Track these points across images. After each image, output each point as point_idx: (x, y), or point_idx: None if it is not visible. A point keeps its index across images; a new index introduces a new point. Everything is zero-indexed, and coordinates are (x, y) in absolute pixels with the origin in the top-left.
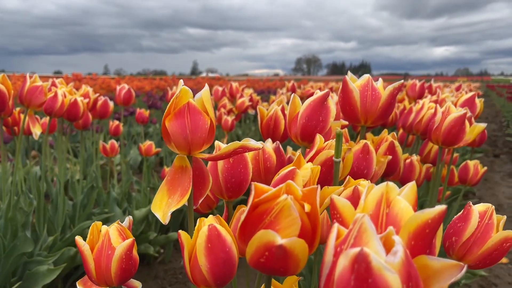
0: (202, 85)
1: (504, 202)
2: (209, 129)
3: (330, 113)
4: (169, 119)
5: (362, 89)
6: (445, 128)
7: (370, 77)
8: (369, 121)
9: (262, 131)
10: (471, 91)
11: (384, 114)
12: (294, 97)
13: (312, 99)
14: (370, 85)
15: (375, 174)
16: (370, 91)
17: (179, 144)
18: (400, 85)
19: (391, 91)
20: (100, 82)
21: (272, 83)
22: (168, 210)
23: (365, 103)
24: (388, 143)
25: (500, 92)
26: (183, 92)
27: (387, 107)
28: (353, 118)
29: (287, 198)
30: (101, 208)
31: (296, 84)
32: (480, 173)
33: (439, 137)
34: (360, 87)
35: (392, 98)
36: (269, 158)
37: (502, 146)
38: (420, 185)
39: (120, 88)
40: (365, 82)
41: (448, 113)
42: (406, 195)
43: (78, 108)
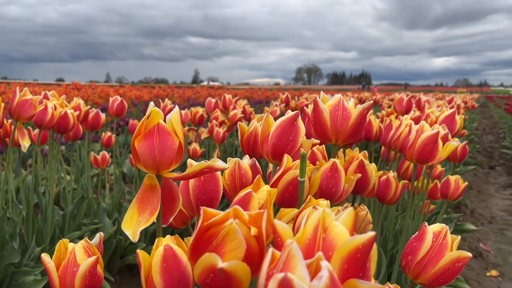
0: (202, 94)
1: (497, 215)
2: (177, 150)
3: (300, 133)
4: (138, 139)
5: (333, 109)
6: (419, 146)
7: (341, 97)
8: (340, 140)
9: (242, 147)
10: (466, 103)
11: (354, 133)
12: (267, 116)
13: (282, 119)
14: (341, 105)
15: (344, 191)
16: (341, 111)
17: (148, 164)
18: (369, 106)
19: (361, 111)
20: (99, 91)
21: (271, 93)
22: (138, 228)
23: (335, 123)
24: (358, 161)
25: (498, 104)
26: (154, 113)
27: (357, 126)
28: (324, 136)
29: (233, 223)
30: (91, 218)
31: (290, 96)
32: (461, 188)
33: (413, 154)
34: (331, 107)
35: (362, 117)
36: (245, 174)
37: (498, 157)
38: (396, 201)
39: (113, 100)
40: (336, 102)
41: (422, 132)
42: (343, 220)
43: (68, 120)
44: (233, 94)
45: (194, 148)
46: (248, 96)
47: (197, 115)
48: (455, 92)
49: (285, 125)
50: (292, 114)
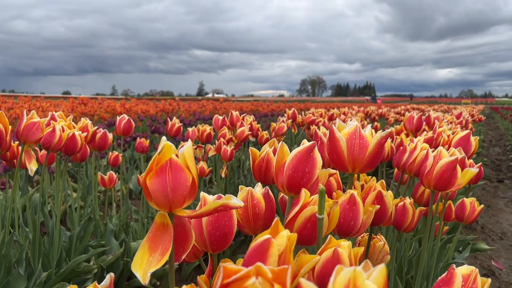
0: (207, 108)
1: (508, 230)
2: (191, 186)
3: (317, 164)
4: (150, 176)
5: (350, 138)
6: (437, 173)
7: (358, 125)
8: (357, 169)
9: (254, 174)
10: (473, 116)
11: (372, 162)
12: (282, 146)
13: (298, 150)
14: (357, 133)
15: (362, 224)
16: (358, 140)
17: (160, 202)
18: (387, 134)
19: (379, 140)
20: (105, 105)
21: (277, 106)
22: (148, 269)
23: (352, 152)
24: (376, 192)
25: (504, 115)
26: (166, 148)
27: (375, 156)
28: (341, 166)
29: (255, 282)
30: (97, 240)
31: (297, 111)
32: (477, 211)
33: (430, 181)
34: (348, 135)
35: (380, 146)
36: (257, 204)
37: (506, 170)
38: (413, 229)
39: (120, 119)
40: (352, 130)
41: (440, 158)
42: (375, 278)
43: (76, 142)
44: (238, 107)
45: (201, 167)
46: (254, 109)
47: (204, 134)
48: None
49: (301, 156)
50: (308, 145)
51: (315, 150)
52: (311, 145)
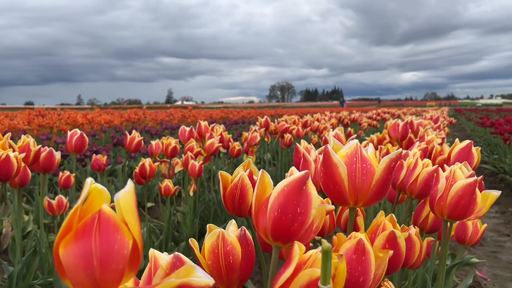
0: (175, 116)
1: (487, 235)
2: (131, 253)
3: (312, 203)
4: (65, 242)
5: (349, 161)
6: (452, 199)
7: (358, 144)
8: (360, 202)
9: (225, 204)
10: (445, 118)
11: (379, 193)
12: (263, 176)
13: (286, 183)
14: (359, 156)
15: (375, 279)
16: (360, 164)
17: (81, 283)
18: (398, 155)
19: (387, 164)
20: (66, 116)
21: (247, 112)
22: None
23: (354, 180)
24: (387, 233)
25: (468, 116)
26: (94, 194)
27: (383, 184)
28: (339, 198)
29: None
30: (44, 277)
31: (269, 120)
32: (480, 232)
33: (444, 209)
34: (346, 158)
35: (389, 172)
36: (231, 251)
37: (477, 173)
38: (420, 265)
39: (71, 134)
40: (352, 152)
41: (454, 180)
42: None
43: (11, 165)
44: (208, 114)
45: (166, 186)
46: (224, 116)
47: (169, 148)
48: (425, 106)
49: (291, 192)
50: (299, 176)
51: (309, 182)
52: (303, 176)
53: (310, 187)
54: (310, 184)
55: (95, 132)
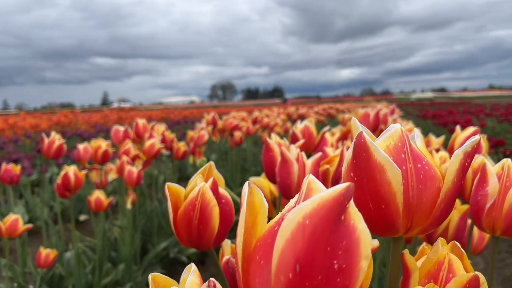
0: (111, 118)
1: None
2: None
3: (360, 247)
4: None
5: (395, 160)
6: (510, 207)
7: (403, 130)
8: (416, 228)
9: (177, 231)
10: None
11: (447, 210)
12: (252, 193)
13: (307, 210)
14: (408, 150)
15: None
16: (412, 164)
17: None
18: (474, 147)
19: (461, 162)
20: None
21: (189, 112)
22: None
23: (407, 193)
24: (468, 278)
25: (406, 110)
26: None
27: (452, 196)
28: (384, 223)
29: None
30: None
31: (217, 117)
32: (486, 240)
33: (497, 222)
34: (389, 154)
35: (462, 176)
36: None
37: None
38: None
39: None
40: (396, 143)
41: (510, 182)
42: None
43: None
44: (147, 115)
45: (97, 199)
46: (164, 117)
47: (99, 152)
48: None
49: (319, 230)
50: (333, 196)
51: (351, 208)
52: (340, 195)
53: (353, 216)
54: (353, 211)
55: (18, 138)
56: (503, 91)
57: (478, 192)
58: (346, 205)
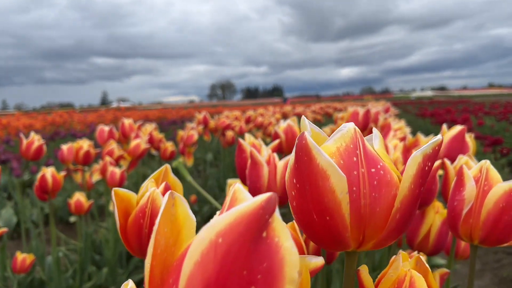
0: (107, 118)
1: None
2: None
3: (284, 271)
4: None
5: (346, 164)
6: (488, 214)
7: (356, 130)
8: (370, 242)
9: (126, 241)
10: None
11: (405, 222)
12: (170, 204)
13: (221, 227)
14: (361, 152)
15: None
16: (365, 168)
17: None
18: (436, 149)
19: (420, 166)
20: None
21: (187, 112)
22: None
23: (358, 202)
24: None
25: (405, 108)
26: None
27: (411, 205)
28: (332, 237)
29: None
30: None
31: (208, 116)
32: None
33: (475, 230)
34: (340, 157)
35: (421, 182)
36: None
37: None
38: None
39: None
40: (347, 145)
41: (488, 184)
42: None
43: None
44: (144, 115)
45: (77, 201)
46: (161, 116)
47: (80, 153)
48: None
49: (234, 251)
50: (250, 211)
51: (274, 222)
52: (259, 209)
53: (277, 233)
54: (278, 226)
55: (10, 138)
56: (503, 90)
57: (454, 197)
58: (269, 220)
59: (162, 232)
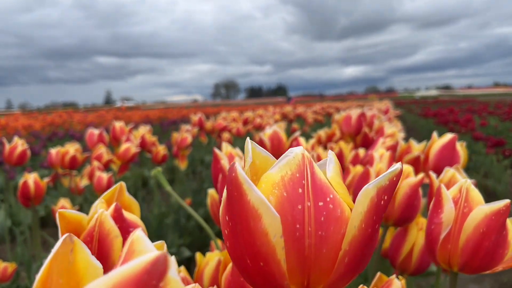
0: (107, 118)
1: None
2: None
3: None
4: None
5: (289, 198)
6: (468, 239)
7: (305, 156)
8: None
9: None
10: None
11: (358, 263)
12: (74, 253)
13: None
14: (308, 183)
15: None
16: (312, 202)
17: None
18: (394, 178)
19: (373, 200)
20: None
21: (188, 111)
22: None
23: (301, 243)
24: None
25: (409, 108)
26: None
27: (365, 244)
28: (272, 286)
29: None
30: None
31: (204, 118)
32: None
33: (454, 255)
34: (283, 189)
35: (377, 219)
36: None
37: None
38: None
39: None
40: (293, 174)
41: (468, 206)
42: None
43: None
44: (145, 115)
45: (62, 208)
46: (162, 116)
47: (66, 157)
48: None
49: None
50: (133, 273)
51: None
52: (142, 271)
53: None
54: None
55: (8, 139)
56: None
57: (432, 219)
58: (158, 285)
59: (55, 283)
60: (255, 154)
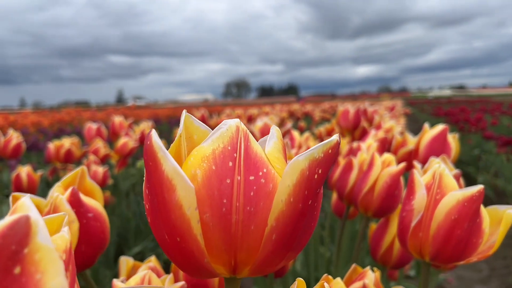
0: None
1: None
2: None
3: None
4: None
5: (216, 171)
6: (440, 226)
7: (240, 127)
8: (247, 267)
9: None
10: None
11: (281, 247)
12: None
13: None
14: (240, 154)
15: None
16: (243, 175)
17: None
18: (329, 151)
19: (303, 173)
20: None
21: (198, 110)
22: None
23: (227, 219)
24: None
25: (421, 107)
26: None
27: (289, 227)
28: (192, 263)
29: None
30: None
31: (207, 114)
32: None
33: (425, 245)
34: (212, 161)
35: (307, 194)
36: None
37: None
38: None
39: None
40: (225, 146)
41: (441, 192)
42: None
43: None
44: (154, 113)
45: None
46: (171, 114)
47: (61, 151)
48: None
49: None
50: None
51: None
52: None
53: (39, 267)
54: (44, 256)
55: None
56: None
57: (404, 207)
58: (22, 251)
59: None
60: (193, 128)
